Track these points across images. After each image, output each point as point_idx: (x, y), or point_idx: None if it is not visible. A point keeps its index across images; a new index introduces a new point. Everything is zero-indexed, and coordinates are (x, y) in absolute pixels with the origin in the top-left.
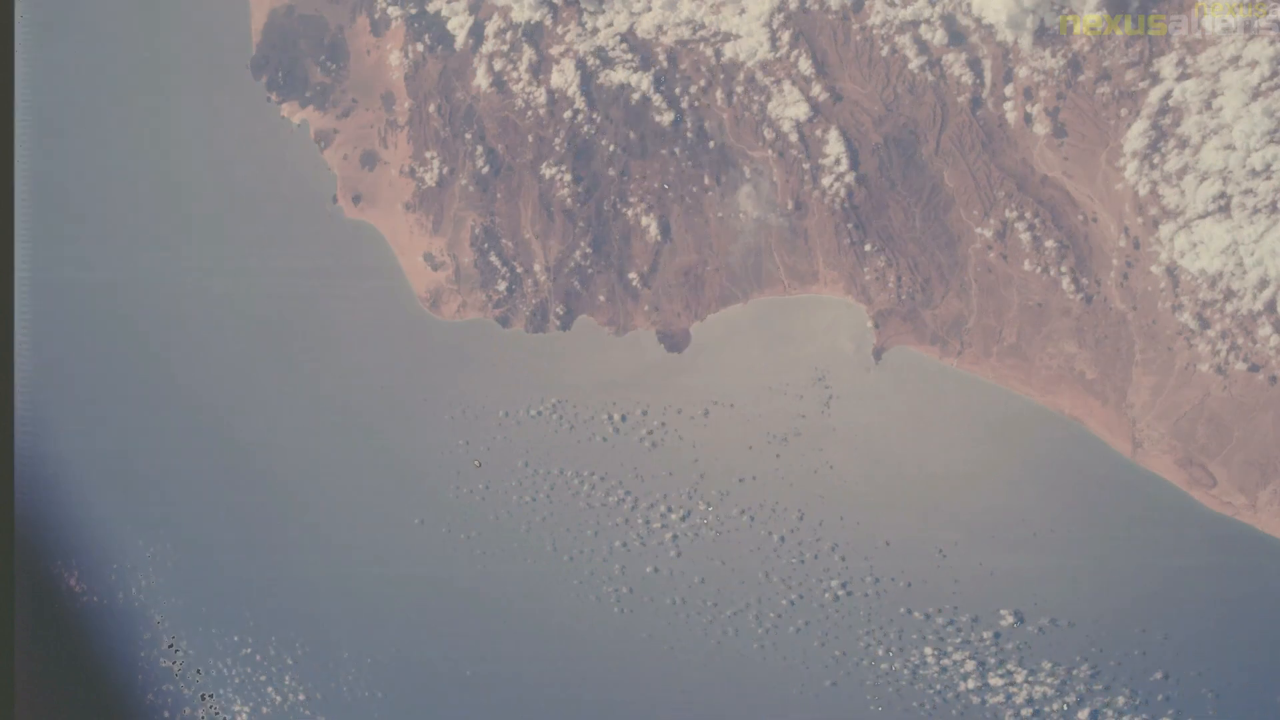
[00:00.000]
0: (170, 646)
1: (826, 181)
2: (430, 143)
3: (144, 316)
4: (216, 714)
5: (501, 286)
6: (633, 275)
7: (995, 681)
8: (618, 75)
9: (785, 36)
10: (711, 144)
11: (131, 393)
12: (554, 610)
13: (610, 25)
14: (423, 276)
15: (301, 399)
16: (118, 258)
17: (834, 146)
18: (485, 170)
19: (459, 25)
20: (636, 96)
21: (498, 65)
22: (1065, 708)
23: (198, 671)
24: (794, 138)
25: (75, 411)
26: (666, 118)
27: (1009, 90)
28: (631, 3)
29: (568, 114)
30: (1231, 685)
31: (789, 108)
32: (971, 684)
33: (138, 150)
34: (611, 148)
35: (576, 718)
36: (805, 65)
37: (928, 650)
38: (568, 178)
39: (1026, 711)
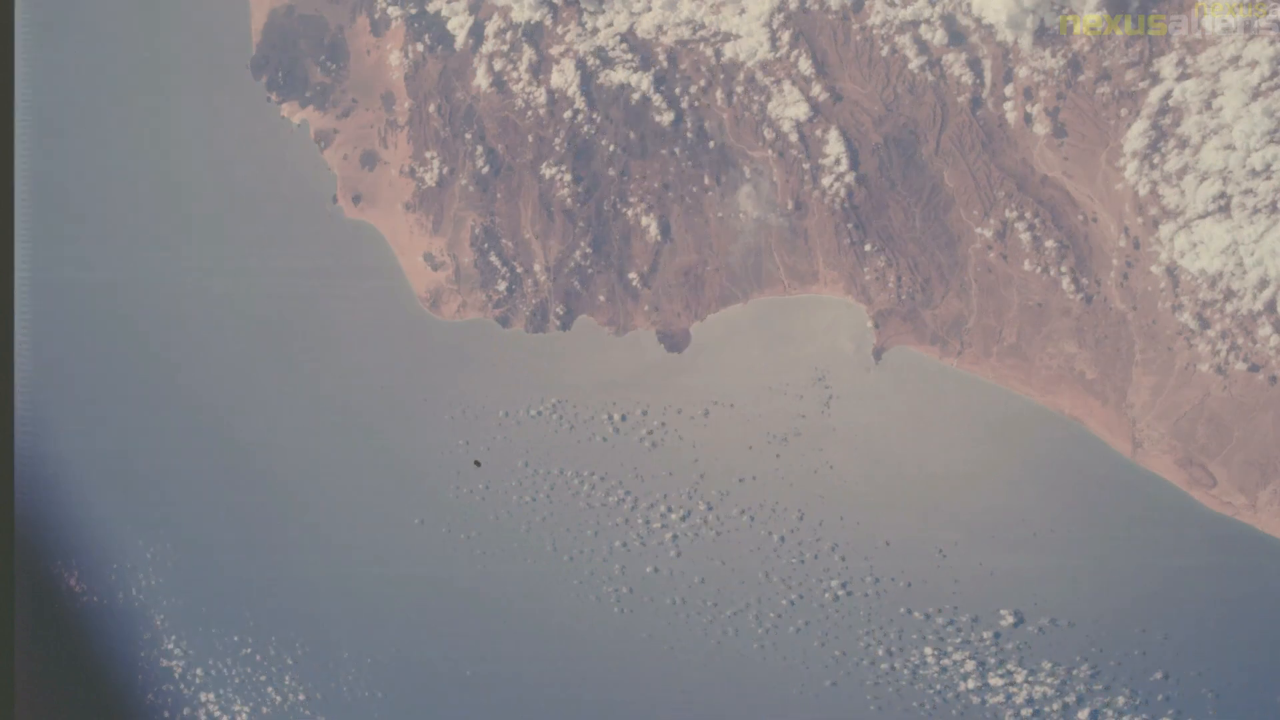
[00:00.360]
0: (170, 646)
1: (826, 181)
2: (430, 143)
3: (144, 316)
4: (216, 714)
5: (501, 286)
6: (633, 275)
7: (995, 681)
8: (618, 75)
9: (785, 36)
10: (711, 144)
11: (131, 393)
12: (554, 610)
13: (610, 25)
14: (423, 276)
15: (301, 399)
16: (118, 258)
17: (834, 146)
18: (485, 170)
19: (459, 25)
20: (636, 96)
21: (498, 65)
22: (1065, 708)
23: (198, 671)
24: (794, 138)
25: (75, 411)
26: (666, 118)
27: (1009, 90)
28: (631, 3)
29: (568, 114)
30: (1231, 685)
31: (789, 108)
32: (971, 684)
33: (138, 150)
34: (611, 148)
35: (576, 718)
36: (805, 65)
37: (928, 650)
38: (568, 178)
39: (1026, 711)
